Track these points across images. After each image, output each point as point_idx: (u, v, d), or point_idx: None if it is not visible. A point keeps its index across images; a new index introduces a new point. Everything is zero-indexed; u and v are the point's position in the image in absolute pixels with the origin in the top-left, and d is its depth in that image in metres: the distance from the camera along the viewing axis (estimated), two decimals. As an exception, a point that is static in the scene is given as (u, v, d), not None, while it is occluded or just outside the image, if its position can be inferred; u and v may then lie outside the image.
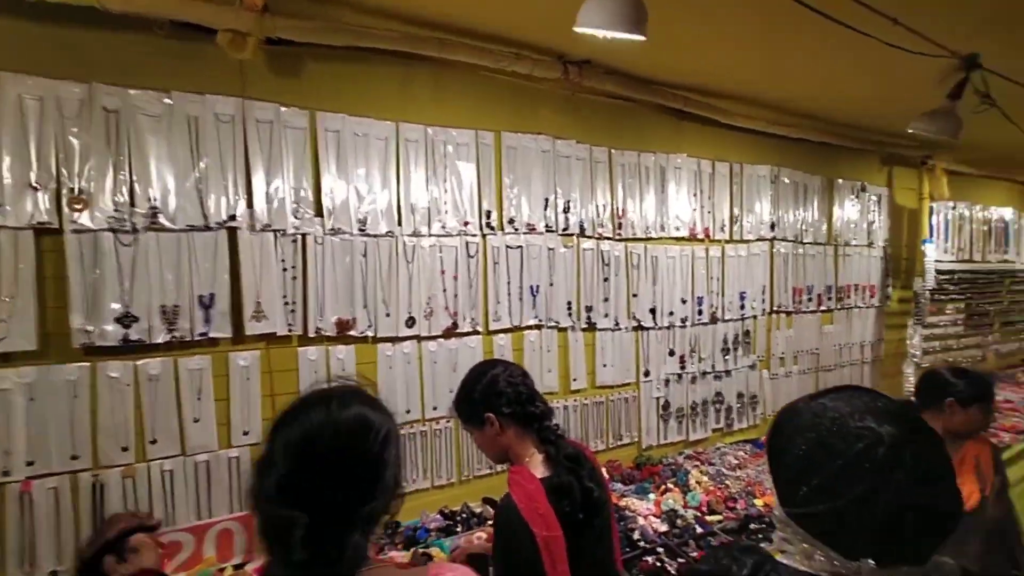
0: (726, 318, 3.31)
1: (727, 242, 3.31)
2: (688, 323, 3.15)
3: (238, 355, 2.02)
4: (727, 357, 3.34)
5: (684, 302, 3.13)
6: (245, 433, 2.04)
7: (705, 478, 2.76)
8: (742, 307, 3.37)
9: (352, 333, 2.19)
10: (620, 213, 2.88)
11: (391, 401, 2.24)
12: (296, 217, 2.05)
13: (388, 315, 2.27)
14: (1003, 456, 2.04)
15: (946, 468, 0.67)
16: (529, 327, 2.64)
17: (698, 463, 3.00)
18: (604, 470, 2.80)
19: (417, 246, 2.31)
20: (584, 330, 2.81)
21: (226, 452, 2.01)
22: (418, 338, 2.35)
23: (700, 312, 3.19)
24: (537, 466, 1.32)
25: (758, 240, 3.43)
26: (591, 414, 2.86)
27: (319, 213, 2.10)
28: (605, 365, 2.90)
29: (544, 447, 1.34)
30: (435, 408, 2.39)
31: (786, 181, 3.54)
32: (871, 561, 0.62)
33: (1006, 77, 2.34)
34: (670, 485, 2.69)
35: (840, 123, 3.56)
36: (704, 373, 3.26)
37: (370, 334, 2.24)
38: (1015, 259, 5.25)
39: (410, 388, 2.35)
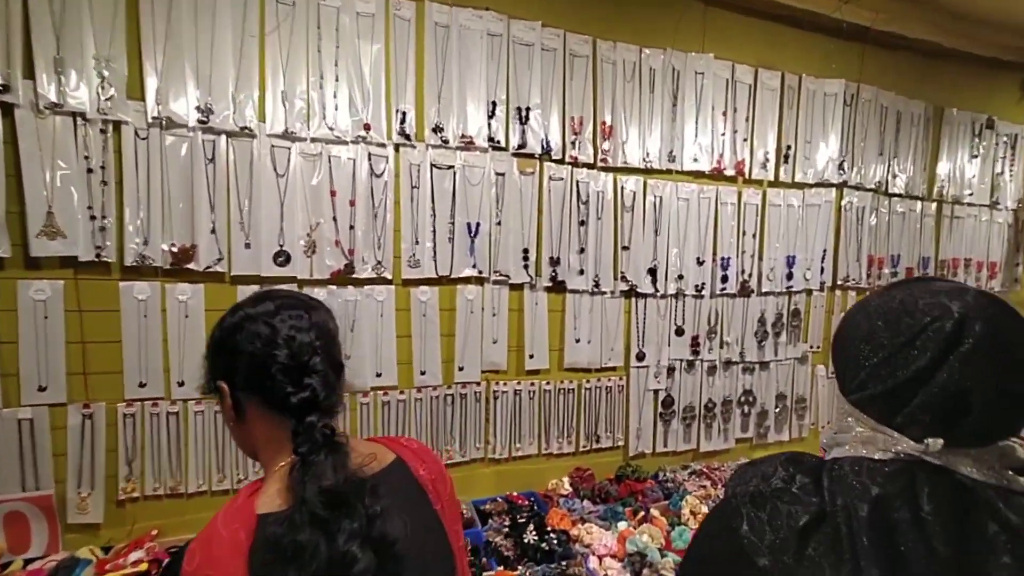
0: (764, 290, 2.42)
1: (771, 185, 2.40)
2: (706, 292, 2.31)
3: (30, 284, 1.50)
4: (764, 343, 2.46)
5: (701, 263, 2.29)
6: (42, 389, 1.55)
7: (705, 508, 1.95)
8: (790, 276, 2.46)
9: (191, 266, 1.61)
10: (607, 132, 2.08)
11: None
12: (102, 97, 1.48)
13: (248, 246, 1.67)
14: None
15: None
16: (465, 279, 1.95)
17: (707, 483, 2.18)
18: (585, 482, 2.09)
19: (292, 153, 1.68)
20: (548, 290, 2.07)
21: (14, 412, 1.53)
22: (297, 281, 1.74)
23: (725, 279, 2.33)
24: (282, 488, 0.67)
25: (819, 185, 2.48)
26: (555, 405, 2.13)
27: (139, 96, 1.53)
28: (579, 340, 2.15)
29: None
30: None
31: (868, 103, 2.53)
32: (940, 441, 0.56)
33: None
34: (655, 512, 1.92)
35: (956, 12, 2.45)
36: (728, 363, 2.41)
37: (221, 269, 1.65)
38: None
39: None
